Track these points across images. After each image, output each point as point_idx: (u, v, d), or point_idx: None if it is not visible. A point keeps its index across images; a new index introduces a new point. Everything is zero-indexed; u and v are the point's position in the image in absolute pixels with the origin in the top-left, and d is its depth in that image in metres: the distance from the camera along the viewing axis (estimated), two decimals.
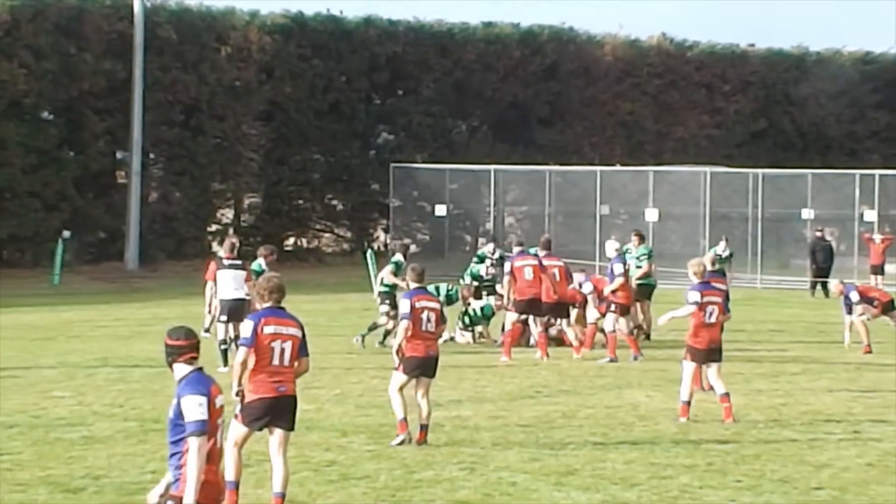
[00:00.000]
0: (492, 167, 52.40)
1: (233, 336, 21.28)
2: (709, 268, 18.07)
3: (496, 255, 28.93)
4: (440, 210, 52.41)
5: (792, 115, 64.66)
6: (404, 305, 15.59)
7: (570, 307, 25.33)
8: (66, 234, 48.14)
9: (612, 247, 26.15)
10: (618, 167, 54.67)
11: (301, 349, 12.04)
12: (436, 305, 15.77)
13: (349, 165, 58.23)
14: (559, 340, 25.79)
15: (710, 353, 17.41)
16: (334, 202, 59.79)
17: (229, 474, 11.79)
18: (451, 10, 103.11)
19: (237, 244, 23.15)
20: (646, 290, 27.67)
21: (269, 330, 11.84)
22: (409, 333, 15.39)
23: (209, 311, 22.15)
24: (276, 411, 11.92)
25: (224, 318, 21.56)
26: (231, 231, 33.84)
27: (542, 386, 20.13)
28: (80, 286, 42.53)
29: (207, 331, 25.31)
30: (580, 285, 25.68)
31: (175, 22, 53.69)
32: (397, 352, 15.65)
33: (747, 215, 49.98)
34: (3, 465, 13.63)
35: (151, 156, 54.51)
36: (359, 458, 14.34)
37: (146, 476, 13.22)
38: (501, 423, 16.70)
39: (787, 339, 27.50)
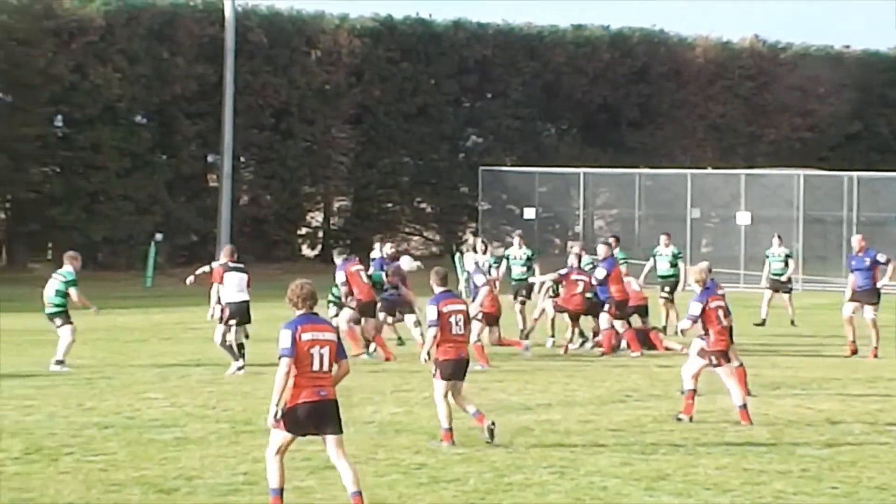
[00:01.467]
0: (581, 170, 52.17)
1: (232, 339, 21.62)
2: (696, 278, 17.77)
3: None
4: (529, 213, 52.24)
5: (888, 117, 63.84)
6: (431, 312, 15.52)
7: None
8: (159, 236, 48.62)
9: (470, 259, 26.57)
10: (709, 170, 54.22)
11: (339, 352, 11.99)
12: (463, 307, 15.73)
13: (438, 168, 58.25)
14: (651, 344, 25.66)
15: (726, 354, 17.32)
16: (423, 205, 59.86)
17: (272, 482, 11.83)
18: (540, 13, 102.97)
19: (236, 249, 23.30)
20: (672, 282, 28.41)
21: (307, 337, 11.79)
22: (439, 339, 15.37)
23: (216, 316, 22.19)
24: (320, 416, 11.86)
25: (233, 321, 21.69)
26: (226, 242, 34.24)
27: (632, 390, 19.96)
28: (172, 288, 42.83)
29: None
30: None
31: (266, 26, 54.02)
32: (428, 359, 15.58)
33: (842, 218, 49.33)
34: (97, 466, 13.73)
35: (242, 159, 54.88)
36: (448, 461, 14.27)
37: (238, 477, 13.25)
38: (592, 427, 16.57)
39: (883, 344, 27.07)
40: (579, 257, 25.66)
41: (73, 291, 22.66)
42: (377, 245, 28.48)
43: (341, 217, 58.77)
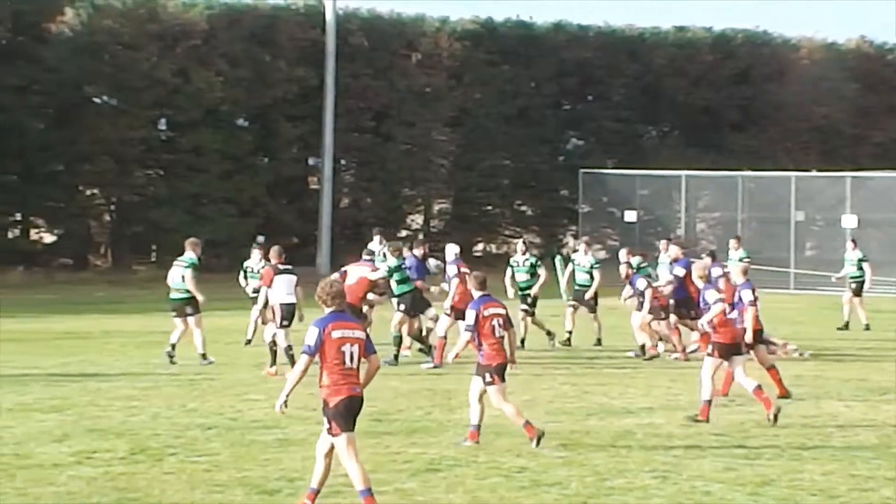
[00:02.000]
0: (683, 173, 51.75)
1: (281, 342, 21.70)
2: (699, 275, 18.20)
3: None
4: (630, 216, 51.91)
5: None
6: (470, 316, 15.50)
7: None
8: (260, 238, 48.86)
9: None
10: (814, 172, 53.55)
11: (367, 349, 12.08)
12: (503, 311, 15.70)
13: (538, 171, 58.14)
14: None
15: (734, 348, 17.57)
16: (523, 208, 59.82)
17: (313, 481, 12.07)
18: (642, 15, 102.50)
19: (283, 250, 23.28)
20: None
21: (337, 334, 11.89)
22: (485, 342, 15.37)
23: (272, 318, 22.22)
24: (355, 412, 11.99)
25: (286, 322, 21.75)
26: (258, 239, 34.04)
27: (736, 394, 19.73)
28: None
29: (249, 342, 25.65)
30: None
31: (366, 29, 54.28)
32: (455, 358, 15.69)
33: None
34: (201, 466, 13.81)
35: (342, 162, 55.14)
36: (550, 465, 14.19)
37: (339, 479, 13.25)
38: (695, 432, 16.40)
39: None
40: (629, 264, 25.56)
41: (188, 273, 23.02)
42: (376, 237, 28.33)
43: (441, 219, 58.85)
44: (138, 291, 43.30)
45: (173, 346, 22.83)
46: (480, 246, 58.58)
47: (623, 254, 26.52)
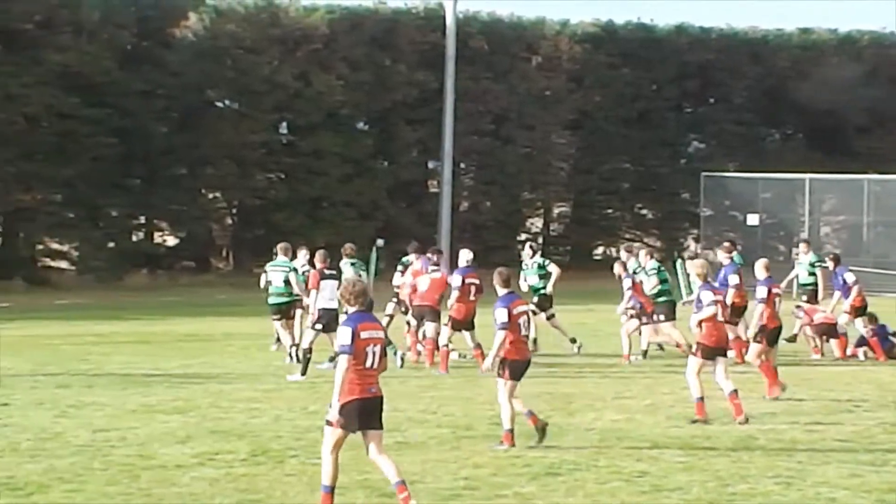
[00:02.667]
0: (806, 176, 51.05)
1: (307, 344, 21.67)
2: (697, 272, 18.06)
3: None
4: (752, 219, 51.32)
5: None
6: (501, 314, 15.37)
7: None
8: (380, 242, 49.11)
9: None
10: None
11: (384, 350, 12.19)
12: (528, 309, 15.80)
13: (658, 174, 57.80)
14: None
15: (719, 350, 17.46)
16: (643, 211, 59.51)
17: (325, 479, 12.02)
18: (765, 16, 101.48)
19: (328, 255, 23.10)
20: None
21: (365, 335, 11.94)
22: (508, 339, 15.32)
23: (313, 322, 22.22)
24: (370, 413, 12.02)
25: (320, 326, 21.69)
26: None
27: (861, 400, 19.41)
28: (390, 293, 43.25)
29: (279, 341, 24.78)
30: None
31: (486, 32, 54.34)
32: (494, 361, 15.48)
33: None
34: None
35: (462, 165, 55.22)
36: (670, 470, 14.05)
37: (459, 482, 13.23)
38: (818, 437, 16.15)
39: None
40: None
41: (293, 278, 23.31)
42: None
43: (560, 223, 58.71)
44: (259, 294, 43.64)
45: (296, 346, 22.99)
46: (600, 249, 58.34)
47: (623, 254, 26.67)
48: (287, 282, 23.48)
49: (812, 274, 27.72)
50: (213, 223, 52.20)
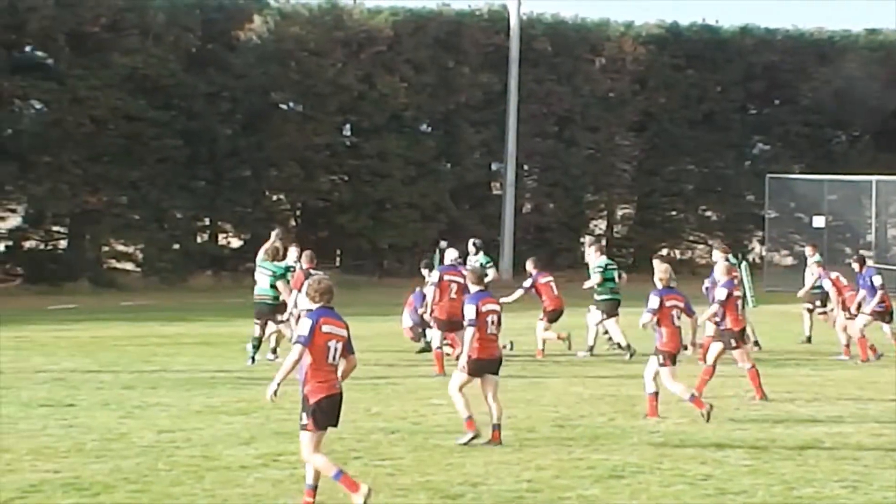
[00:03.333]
0: (874, 178, 50.58)
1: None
2: (659, 277, 18.13)
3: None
4: (818, 221, 50.91)
5: None
6: (470, 311, 15.53)
7: None
8: (443, 244, 49.08)
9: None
10: None
11: (348, 348, 12.29)
12: (498, 308, 15.86)
13: (723, 176, 57.54)
14: None
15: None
16: (708, 213, 59.23)
17: (308, 478, 12.23)
18: (831, 17, 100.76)
19: (314, 255, 23.41)
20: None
21: (326, 329, 12.11)
22: (477, 337, 15.50)
23: (296, 320, 22.28)
24: (336, 409, 12.24)
25: None
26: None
27: None
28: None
29: (275, 352, 24.13)
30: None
31: (550, 34, 54.27)
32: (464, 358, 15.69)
33: None
34: (385, 471, 13.86)
35: (525, 167, 55.17)
36: (735, 473, 13.95)
37: (522, 484, 13.20)
38: (886, 441, 15.99)
39: None
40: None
41: (280, 284, 23.38)
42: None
43: (624, 225, 58.54)
44: None
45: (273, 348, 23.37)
46: (664, 251, 58.05)
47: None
48: (273, 286, 23.49)
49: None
50: (277, 225, 52.34)
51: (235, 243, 52.35)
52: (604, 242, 53.48)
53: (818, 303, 28.29)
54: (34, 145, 45.53)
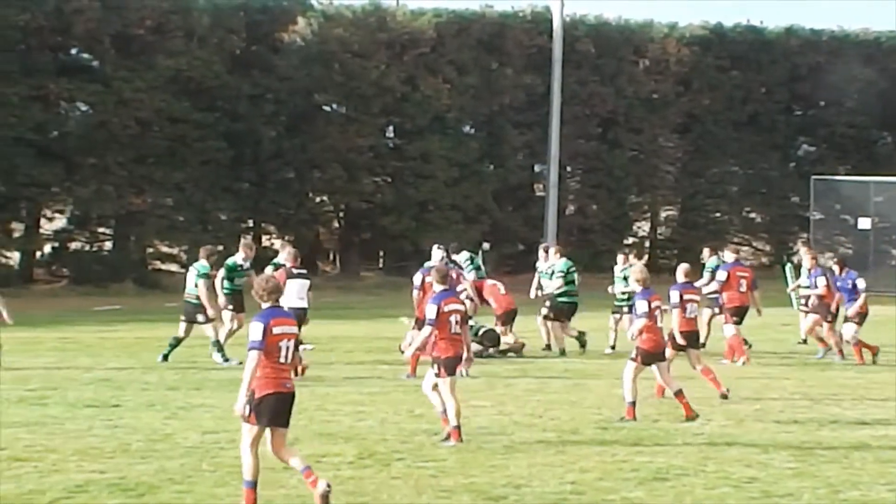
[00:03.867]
0: None
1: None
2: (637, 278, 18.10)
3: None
4: (864, 223, 50.62)
5: None
6: (431, 311, 15.68)
7: None
8: (486, 246, 49.18)
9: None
10: None
11: (296, 346, 12.44)
12: (461, 308, 15.97)
13: (768, 178, 57.34)
14: None
15: (657, 356, 17.62)
16: (752, 215, 59.01)
17: (246, 474, 12.12)
18: (877, 18, 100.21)
19: (299, 253, 23.59)
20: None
21: (278, 330, 12.13)
22: (438, 336, 15.64)
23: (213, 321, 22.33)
24: (283, 408, 12.23)
25: None
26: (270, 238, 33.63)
27: None
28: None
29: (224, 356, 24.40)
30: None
31: (593, 35, 54.16)
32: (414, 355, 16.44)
33: None
34: (428, 472, 13.85)
35: (568, 168, 55.10)
36: (780, 476, 13.88)
37: (566, 486, 13.17)
38: None
39: None
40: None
41: (200, 283, 23.54)
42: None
43: (668, 227, 58.37)
44: (366, 297, 43.93)
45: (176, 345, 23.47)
46: (707, 253, 57.79)
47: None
48: (198, 284, 23.76)
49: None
50: (321, 227, 52.52)
51: (279, 244, 52.45)
52: (647, 244, 53.61)
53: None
54: (80, 147, 45.82)
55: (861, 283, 25.43)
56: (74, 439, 15.56)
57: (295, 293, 22.21)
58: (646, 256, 56.72)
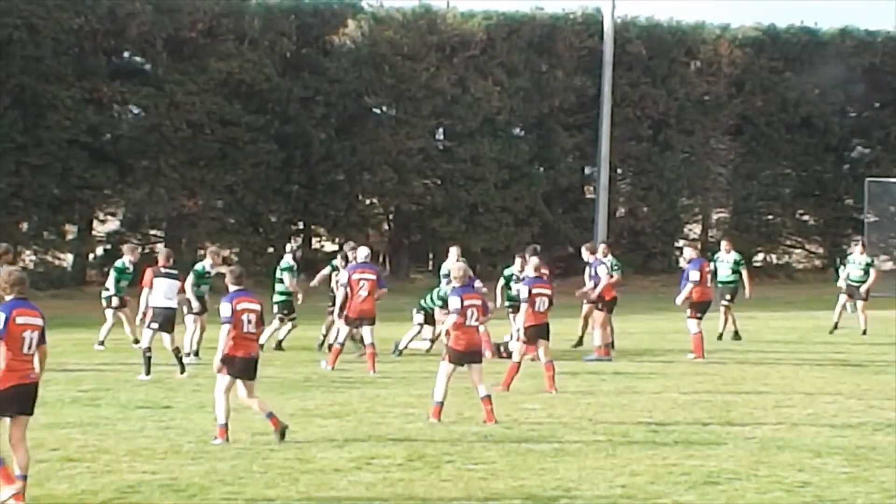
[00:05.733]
0: None
1: (170, 347, 22.29)
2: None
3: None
4: None
5: None
6: (225, 310, 15.99)
7: None
8: (535, 248, 49.07)
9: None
10: None
11: (41, 338, 12.46)
12: (256, 307, 16.19)
13: (821, 180, 56.96)
14: None
15: (470, 355, 17.78)
16: (805, 217, 58.60)
17: (16, 468, 12.20)
18: None
19: (172, 253, 23.65)
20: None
21: (21, 321, 12.27)
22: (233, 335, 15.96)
23: (142, 320, 22.55)
24: (26, 398, 12.34)
25: (155, 325, 22.08)
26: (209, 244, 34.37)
27: None
28: None
29: (102, 343, 26.63)
30: None
31: (645, 37, 53.91)
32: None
33: None
34: (477, 475, 13.84)
35: (619, 171, 54.89)
36: (834, 481, 13.78)
37: (616, 490, 13.12)
38: None
39: None
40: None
41: (286, 276, 26.34)
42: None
43: (719, 229, 58.01)
44: (416, 299, 43.76)
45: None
46: (760, 256, 57.54)
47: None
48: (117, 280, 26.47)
49: (735, 272, 29.67)
50: (370, 229, 52.52)
51: (329, 247, 52.56)
52: (698, 247, 53.37)
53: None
54: (132, 150, 46.06)
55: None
56: (127, 440, 15.65)
57: (164, 293, 22.36)
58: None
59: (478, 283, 23.29)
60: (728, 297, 29.55)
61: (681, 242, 55.78)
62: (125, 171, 45.93)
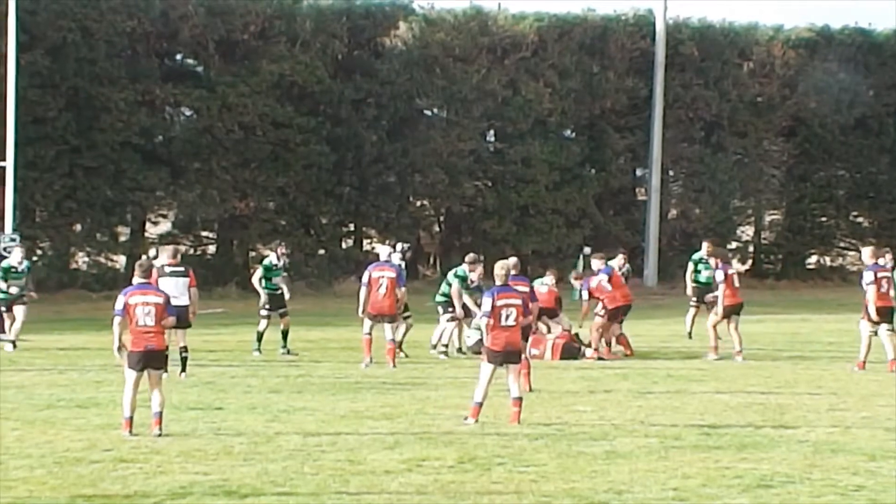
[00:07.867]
0: None
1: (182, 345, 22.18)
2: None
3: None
4: None
5: None
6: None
7: None
8: (587, 250, 48.94)
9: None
10: None
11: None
12: (157, 300, 16.33)
13: (876, 182, 56.56)
14: None
15: (508, 356, 17.52)
16: (860, 219, 58.17)
17: None
18: None
19: (181, 251, 23.82)
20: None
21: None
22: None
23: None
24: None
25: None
26: (166, 240, 33.87)
27: None
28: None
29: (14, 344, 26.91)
30: None
31: (697, 38, 53.71)
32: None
33: None
34: (528, 477, 13.79)
35: (671, 173, 54.73)
36: (889, 484, 13.65)
37: (668, 493, 13.04)
38: None
39: None
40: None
41: (455, 284, 25.63)
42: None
43: (772, 231, 57.73)
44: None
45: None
46: (814, 258, 57.18)
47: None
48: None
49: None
50: (422, 231, 52.58)
51: (379, 249, 52.63)
52: (750, 249, 53.03)
53: None
54: (185, 152, 46.33)
55: None
56: (178, 441, 15.69)
57: (172, 291, 22.31)
58: (749, 261, 56.56)
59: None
60: (699, 300, 29.06)
61: (733, 245, 55.68)
62: (177, 173, 46.18)
